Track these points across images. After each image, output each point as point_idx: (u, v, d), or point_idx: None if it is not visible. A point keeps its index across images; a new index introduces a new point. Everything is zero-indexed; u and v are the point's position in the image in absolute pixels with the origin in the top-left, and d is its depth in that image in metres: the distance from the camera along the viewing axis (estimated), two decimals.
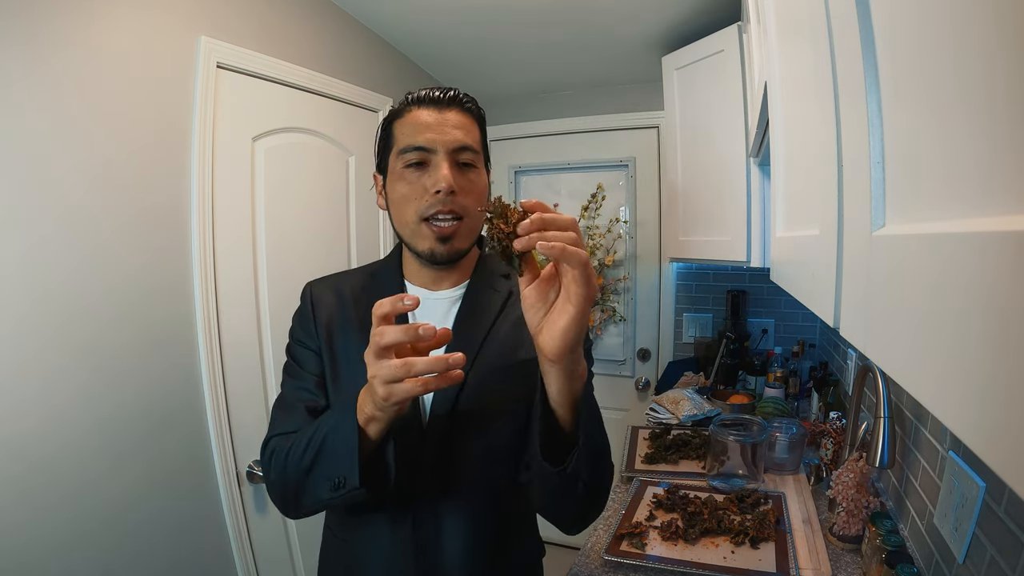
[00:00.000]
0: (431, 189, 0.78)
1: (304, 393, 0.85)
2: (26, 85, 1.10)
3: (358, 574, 0.88)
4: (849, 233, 0.36)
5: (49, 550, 1.14)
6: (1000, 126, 0.18)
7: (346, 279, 0.93)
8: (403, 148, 0.80)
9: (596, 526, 1.26)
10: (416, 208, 0.79)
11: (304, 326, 0.89)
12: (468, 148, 0.81)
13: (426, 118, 0.80)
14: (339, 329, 0.87)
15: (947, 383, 0.21)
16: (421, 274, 0.88)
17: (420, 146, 0.78)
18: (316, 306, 0.89)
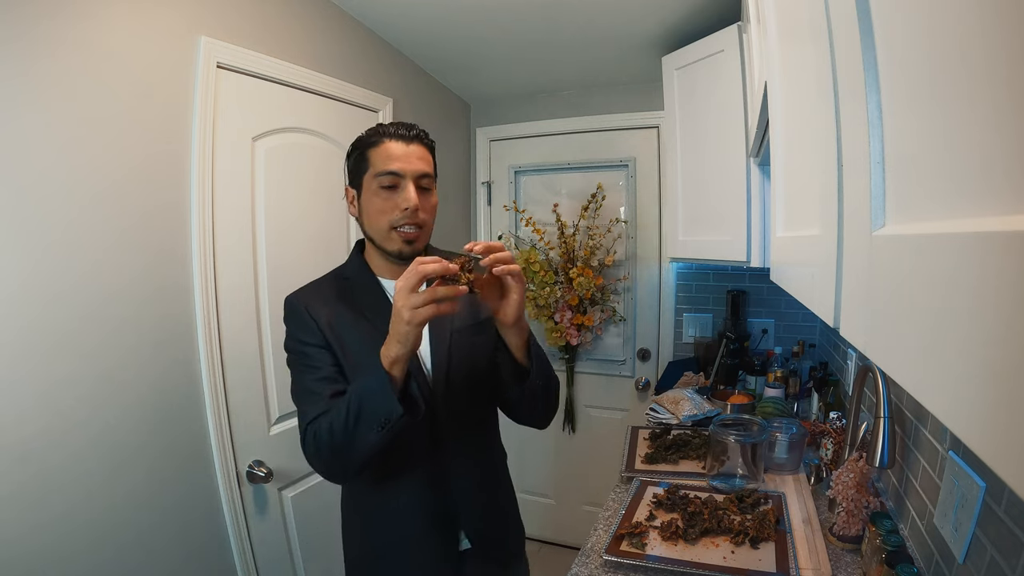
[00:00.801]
0: (401, 206, 1.03)
1: (326, 383, 1.01)
2: (25, 86, 1.10)
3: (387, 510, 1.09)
4: (849, 233, 0.36)
5: (50, 552, 1.14)
6: (1000, 126, 0.18)
7: (321, 287, 1.12)
8: (379, 172, 1.04)
9: (596, 526, 1.26)
10: (388, 219, 1.04)
11: (306, 329, 1.05)
12: (427, 175, 1.07)
13: (396, 150, 1.05)
14: (341, 325, 1.05)
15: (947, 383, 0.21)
16: (387, 270, 1.12)
17: (393, 171, 1.03)
18: (311, 310, 1.06)
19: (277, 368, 1.68)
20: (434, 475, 1.08)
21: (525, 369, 1.02)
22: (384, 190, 1.04)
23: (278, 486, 1.69)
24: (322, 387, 1.01)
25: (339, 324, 1.05)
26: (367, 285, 1.10)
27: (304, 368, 1.04)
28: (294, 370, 1.06)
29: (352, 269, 1.13)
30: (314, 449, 0.98)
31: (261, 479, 1.58)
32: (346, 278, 1.12)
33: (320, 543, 1.84)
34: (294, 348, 1.06)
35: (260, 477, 1.58)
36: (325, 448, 0.96)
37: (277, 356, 1.68)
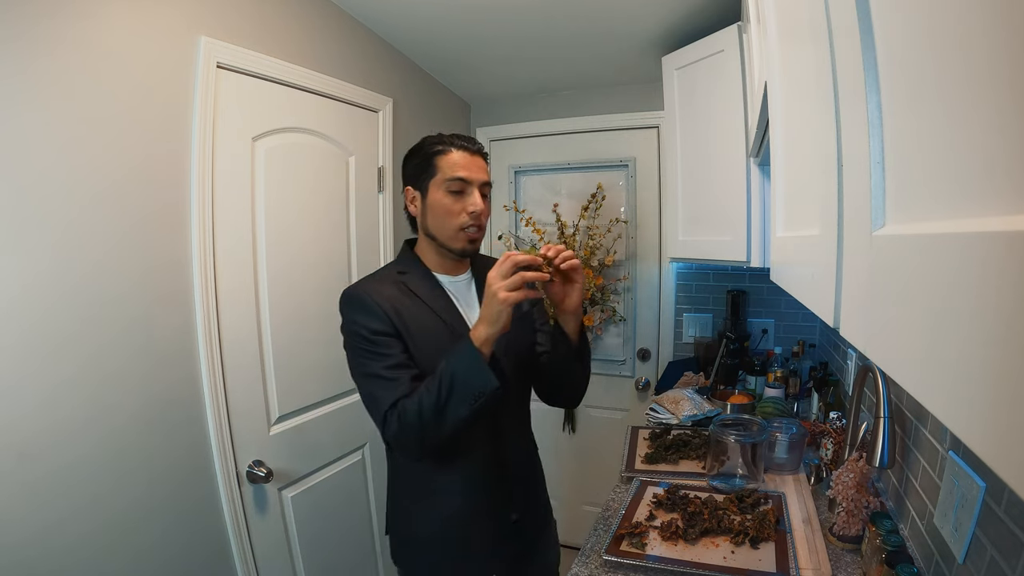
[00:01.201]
0: (468, 210, 1.16)
1: (401, 368, 1.10)
2: (24, 85, 1.10)
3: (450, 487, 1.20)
4: (849, 233, 0.36)
5: (52, 553, 1.15)
6: (1000, 125, 0.18)
7: (380, 280, 1.21)
8: (448, 178, 1.16)
9: (596, 526, 1.26)
10: (457, 221, 1.17)
11: (375, 317, 1.12)
12: (487, 184, 1.21)
13: (462, 159, 1.17)
14: (405, 314, 1.15)
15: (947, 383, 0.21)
16: (440, 266, 1.24)
17: (462, 178, 1.16)
18: (378, 301, 1.13)
19: (277, 368, 1.68)
20: (494, 451, 1.21)
21: (579, 349, 1.20)
22: (452, 195, 1.16)
23: (278, 486, 1.69)
24: (397, 373, 1.10)
25: (404, 312, 1.14)
26: (424, 278, 1.21)
27: (374, 356, 1.11)
28: (361, 358, 1.13)
29: (407, 264, 1.23)
30: (397, 429, 1.07)
31: (261, 479, 1.58)
32: (402, 272, 1.22)
33: (320, 543, 1.84)
34: (361, 336, 1.12)
35: (260, 477, 1.58)
36: (413, 427, 1.05)
37: (277, 356, 1.68)
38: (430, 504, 1.21)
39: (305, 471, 1.79)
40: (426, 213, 1.20)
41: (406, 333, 1.13)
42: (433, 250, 1.22)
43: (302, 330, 1.78)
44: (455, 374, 1.02)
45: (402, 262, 1.25)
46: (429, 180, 1.18)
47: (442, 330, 1.15)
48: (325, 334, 1.87)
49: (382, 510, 2.13)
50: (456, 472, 1.19)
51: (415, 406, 1.05)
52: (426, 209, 1.19)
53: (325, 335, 1.87)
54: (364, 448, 2.06)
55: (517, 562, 1.27)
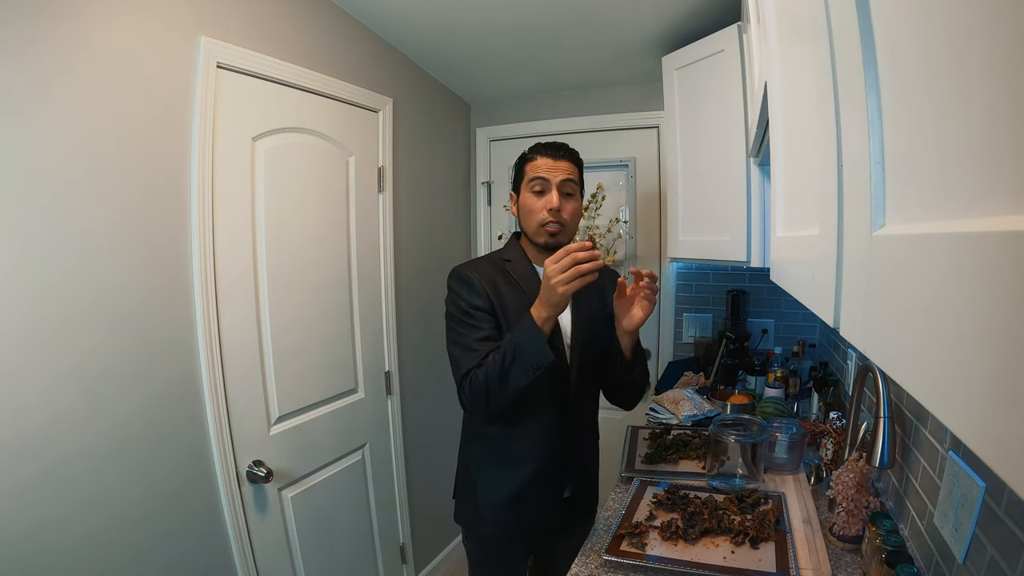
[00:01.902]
0: (546, 207, 1.33)
1: (486, 342, 1.27)
2: (24, 86, 1.10)
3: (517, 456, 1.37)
4: (849, 233, 0.36)
5: (52, 555, 1.15)
6: (1000, 126, 0.18)
7: (487, 264, 1.39)
8: (530, 179, 1.35)
9: (596, 526, 1.26)
10: (538, 218, 1.34)
11: (476, 292, 1.31)
12: (570, 181, 1.35)
13: (545, 163, 1.35)
14: (503, 294, 1.33)
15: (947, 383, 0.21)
16: (538, 258, 1.40)
17: (541, 177, 1.34)
18: (481, 279, 1.32)
19: (277, 368, 1.68)
20: (562, 428, 1.36)
21: (629, 363, 1.35)
22: (534, 194, 1.34)
23: (278, 486, 1.69)
24: (482, 345, 1.26)
25: (502, 292, 1.32)
26: (524, 267, 1.39)
27: (469, 327, 1.28)
28: (458, 327, 1.30)
29: (512, 254, 1.41)
30: (470, 395, 1.25)
31: (261, 479, 1.58)
32: (507, 260, 1.40)
33: (320, 543, 1.84)
34: (462, 309, 1.30)
35: (260, 477, 1.58)
36: (480, 392, 1.23)
37: (277, 356, 1.68)
38: (503, 469, 1.37)
39: (305, 471, 1.79)
40: (520, 213, 1.39)
41: (501, 312, 1.31)
42: (529, 244, 1.40)
43: (302, 330, 1.78)
44: (518, 345, 1.18)
45: (508, 251, 1.43)
46: (520, 184, 1.39)
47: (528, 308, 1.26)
48: (325, 334, 1.88)
49: (382, 510, 2.14)
50: (529, 442, 1.35)
51: (483, 373, 1.22)
52: (520, 210, 1.39)
53: (325, 335, 1.88)
54: (364, 448, 2.06)
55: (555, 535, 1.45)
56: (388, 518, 2.19)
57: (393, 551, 2.21)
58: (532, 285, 1.33)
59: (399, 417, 2.22)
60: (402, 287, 2.25)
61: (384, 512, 2.16)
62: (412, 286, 2.30)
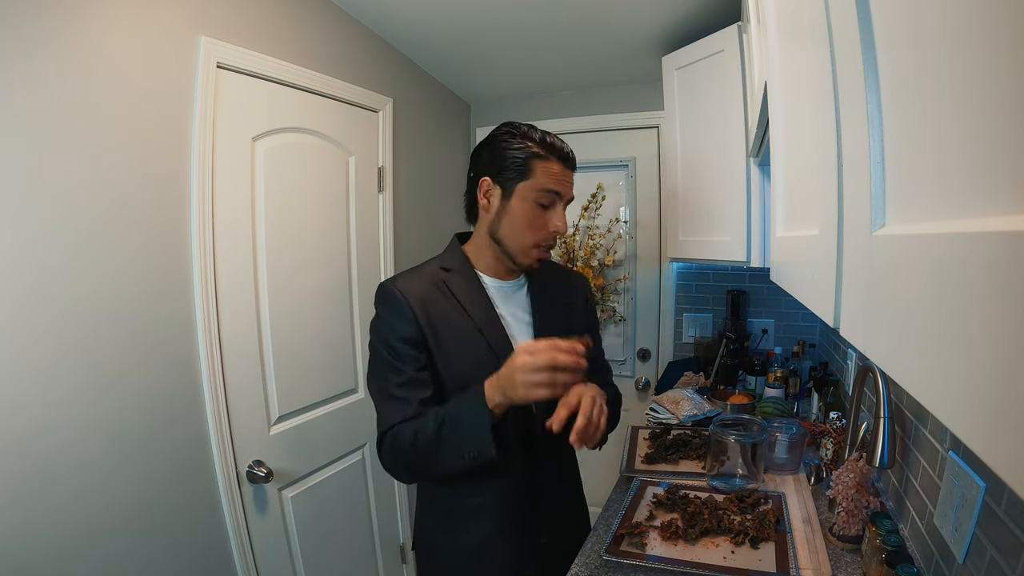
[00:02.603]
0: (550, 228, 1.07)
1: (411, 387, 1.03)
2: (24, 85, 1.10)
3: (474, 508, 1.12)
4: (849, 233, 0.36)
5: (47, 551, 1.15)
6: (1000, 125, 0.18)
7: (420, 276, 1.12)
8: (542, 188, 1.05)
9: (596, 526, 1.26)
10: (535, 236, 1.07)
11: (403, 319, 1.04)
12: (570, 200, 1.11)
13: (560, 172, 1.07)
14: (439, 317, 1.06)
15: (947, 383, 0.21)
16: (491, 268, 1.14)
17: (556, 191, 1.06)
18: (410, 300, 1.05)
19: (277, 368, 1.68)
20: (529, 477, 1.13)
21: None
22: (539, 207, 1.07)
23: (278, 486, 1.69)
24: (407, 393, 1.03)
25: (436, 314, 1.06)
26: (468, 279, 1.12)
27: (390, 367, 1.04)
28: (379, 364, 1.06)
29: (453, 262, 1.15)
30: (390, 454, 1.03)
31: (261, 479, 1.58)
32: (447, 269, 1.13)
33: (320, 543, 1.84)
34: (385, 340, 1.06)
35: (260, 477, 1.58)
36: (404, 456, 1.01)
37: (277, 356, 1.68)
38: (455, 528, 1.14)
39: (305, 471, 1.79)
40: (502, 215, 1.08)
41: (433, 339, 1.05)
42: (491, 253, 1.13)
43: (302, 330, 1.78)
44: (456, 425, 0.96)
45: (448, 258, 1.16)
46: (519, 182, 1.06)
47: (477, 339, 1.06)
48: (325, 334, 1.88)
49: (382, 510, 2.14)
50: (485, 495, 1.11)
51: (410, 436, 0.99)
52: (503, 211, 1.08)
53: (325, 335, 1.88)
54: (364, 448, 2.06)
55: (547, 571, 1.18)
56: (388, 518, 2.19)
57: (393, 551, 2.21)
58: (476, 301, 1.10)
59: None
60: None
61: (384, 512, 2.16)
62: None
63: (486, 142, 1.12)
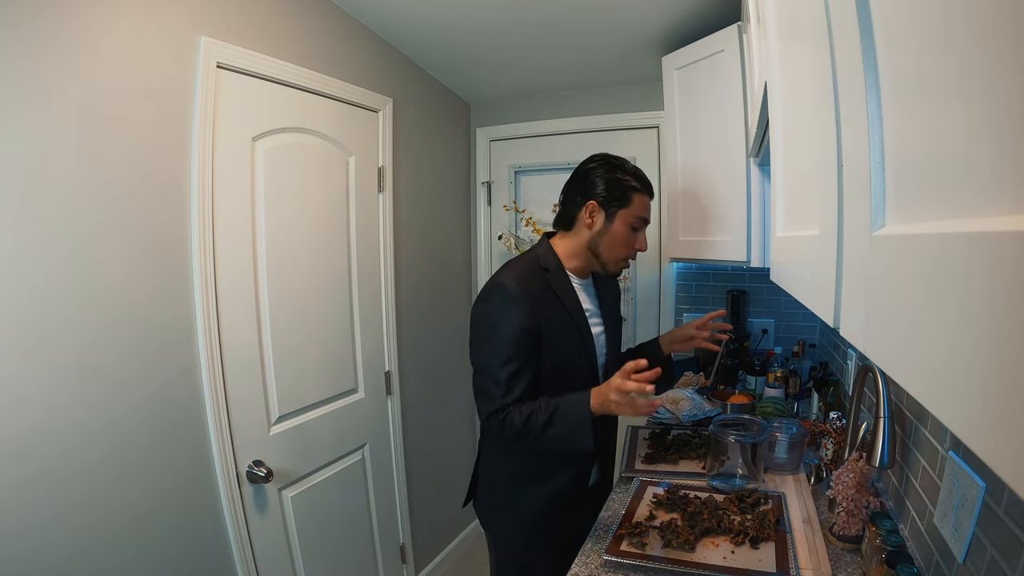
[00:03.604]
0: (637, 247, 1.38)
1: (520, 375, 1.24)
2: (24, 85, 1.10)
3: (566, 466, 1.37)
4: (849, 233, 0.36)
5: (47, 550, 1.15)
6: (1000, 126, 0.18)
7: (529, 274, 1.31)
8: (637, 216, 1.35)
9: (596, 526, 1.26)
10: (627, 253, 1.37)
11: (525, 315, 1.24)
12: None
13: (648, 203, 1.37)
14: (546, 312, 1.28)
15: (947, 383, 0.21)
16: (580, 270, 1.40)
17: (645, 219, 1.37)
18: (530, 298, 1.26)
19: (277, 368, 1.68)
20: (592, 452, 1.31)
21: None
22: (633, 231, 1.36)
23: (278, 486, 1.69)
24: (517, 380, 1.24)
25: (544, 309, 1.28)
26: (562, 278, 1.36)
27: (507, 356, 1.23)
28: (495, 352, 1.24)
29: (549, 263, 1.36)
30: (498, 430, 1.24)
31: (261, 479, 1.58)
32: (545, 269, 1.35)
33: (320, 543, 1.84)
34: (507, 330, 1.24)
35: (260, 477, 1.58)
36: (510, 434, 1.23)
37: (277, 355, 1.68)
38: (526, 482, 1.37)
39: (305, 471, 1.79)
40: (604, 234, 1.34)
41: (546, 332, 1.28)
42: (585, 259, 1.38)
43: (302, 330, 1.78)
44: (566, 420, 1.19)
45: (545, 258, 1.37)
46: (620, 209, 1.33)
47: (573, 328, 1.33)
48: (325, 334, 1.88)
49: (382, 510, 2.14)
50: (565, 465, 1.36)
51: (521, 421, 1.21)
52: (605, 231, 1.34)
53: (325, 335, 1.88)
54: (364, 448, 2.06)
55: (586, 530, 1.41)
56: (388, 518, 2.19)
57: (393, 551, 2.21)
58: (571, 297, 1.34)
59: (399, 417, 2.22)
60: (402, 287, 2.25)
61: (384, 512, 2.16)
62: (412, 286, 2.31)
63: (595, 170, 1.35)
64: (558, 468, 1.36)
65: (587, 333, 1.36)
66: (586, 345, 1.36)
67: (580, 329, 1.34)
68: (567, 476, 1.37)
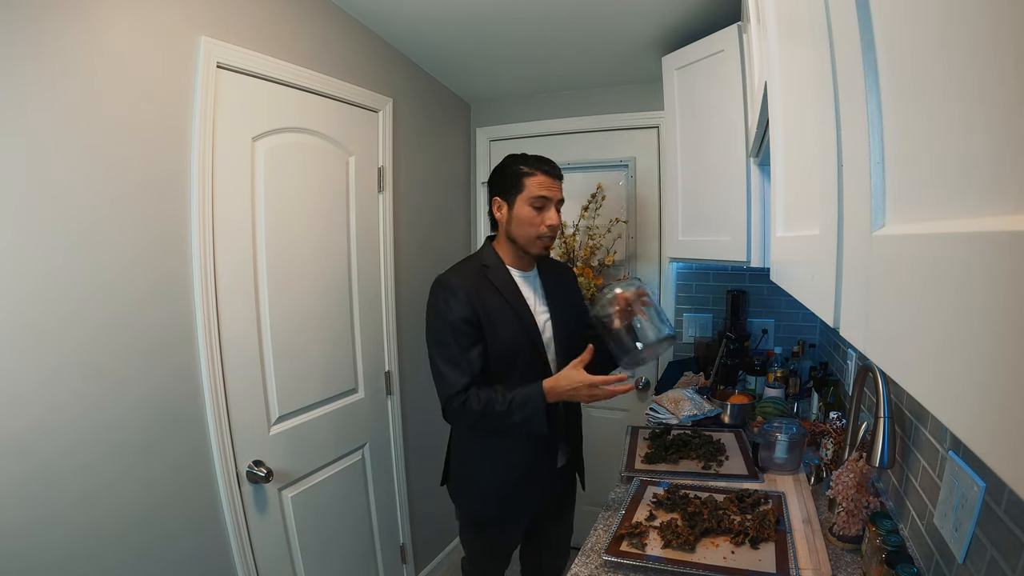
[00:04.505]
0: (546, 223, 1.44)
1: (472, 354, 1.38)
2: (25, 85, 1.10)
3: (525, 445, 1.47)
4: (849, 233, 0.36)
5: (47, 552, 1.15)
6: (1000, 125, 0.18)
7: (468, 271, 1.46)
8: (534, 196, 1.43)
9: (596, 526, 1.26)
10: (536, 232, 1.44)
11: (466, 306, 1.38)
12: (562, 201, 1.49)
13: (546, 181, 1.45)
14: (486, 303, 1.41)
15: (947, 383, 0.21)
16: (516, 261, 1.51)
17: (545, 196, 1.44)
18: (465, 288, 1.40)
19: (277, 368, 1.68)
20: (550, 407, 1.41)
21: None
22: (535, 209, 1.43)
23: (278, 486, 1.69)
24: (471, 360, 1.37)
25: (484, 300, 1.41)
26: (502, 273, 1.47)
27: (457, 342, 1.37)
28: (445, 340, 1.38)
29: (489, 259, 1.49)
30: (459, 412, 1.37)
31: (261, 479, 1.58)
32: (485, 265, 1.47)
33: (320, 543, 1.84)
34: (449, 321, 1.38)
35: (260, 477, 1.58)
36: (471, 416, 1.36)
37: (277, 356, 1.68)
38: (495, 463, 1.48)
39: (305, 471, 1.79)
40: (511, 221, 1.46)
41: (485, 318, 1.39)
42: (512, 250, 1.49)
43: (302, 330, 1.78)
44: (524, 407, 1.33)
45: (485, 256, 1.50)
46: (516, 195, 1.44)
47: (511, 315, 1.43)
48: (325, 334, 1.88)
49: (382, 510, 2.14)
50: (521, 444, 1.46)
51: (480, 405, 1.34)
52: (511, 218, 1.45)
53: (325, 335, 1.88)
54: (364, 448, 2.06)
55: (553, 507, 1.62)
56: (388, 518, 2.19)
57: (393, 551, 2.21)
58: (510, 289, 1.46)
59: (399, 417, 2.22)
60: (402, 287, 2.25)
61: (384, 512, 2.16)
62: (412, 286, 2.30)
63: (494, 172, 1.51)
64: (524, 450, 1.47)
65: (528, 320, 1.45)
66: (527, 331, 1.45)
67: (520, 316, 1.44)
68: (533, 457, 1.49)
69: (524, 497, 1.52)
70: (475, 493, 1.54)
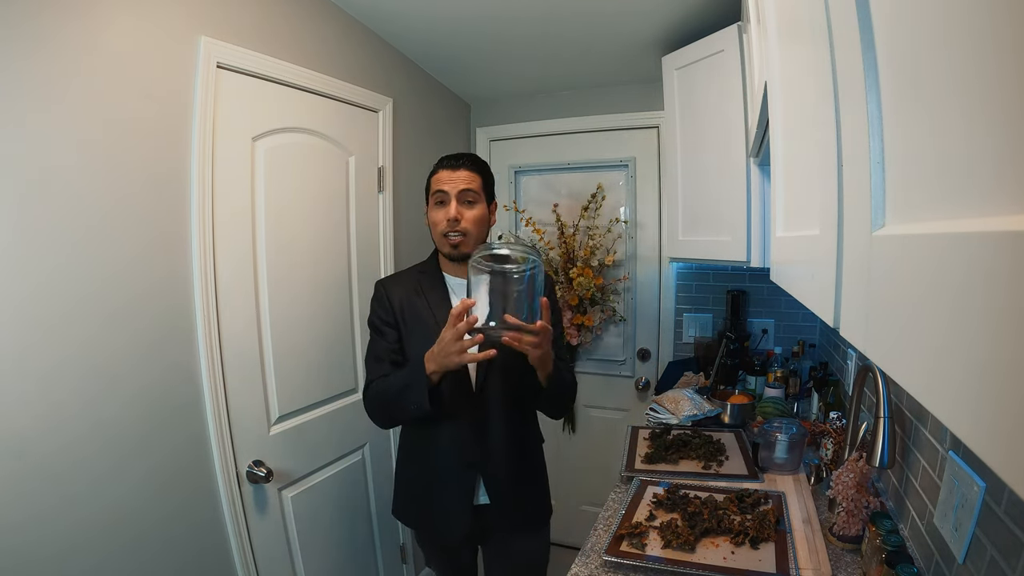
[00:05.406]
0: (445, 218, 1.36)
1: (389, 353, 1.40)
2: (25, 85, 1.10)
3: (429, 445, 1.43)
4: (849, 233, 0.36)
5: (46, 550, 1.14)
6: (1000, 125, 0.18)
7: (405, 277, 1.49)
8: (434, 192, 1.39)
9: (596, 526, 1.26)
10: (440, 229, 1.38)
11: (384, 308, 1.43)
12: (469, 190, 1.37)
13: (445, 175, 1.38)
14: (409, 309, 1.42)
15: (947, 383, 0.21)
16: (449, 267, 1.45)
17: (441, 190, 1.37)
18: (389, 295, 1.43)
19: (277, 368, 1.68)
20: (473, 427, 1.39)
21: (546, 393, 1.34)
22: (437, 206, 1.38)
23: (278, 486, 1.69)
24: (387, 356, 1.40)
25: (408, 307, 1.42)
26: (434, 278, 1.45)
27: (375, 340, 1.43)
28: (371, 338, 1.44)
29: (427, 266, 1.48)
30: (368, 405, 1.40)
31: (261, 479, 1.58)
32: (423, 272, 1.48)
33: (320, 543, 1.84)
34: (373, 322, 1.44)
35: (260, 477, 1.58)
36: (375, 406, 1.39)
37: (277, 356, 1.68)
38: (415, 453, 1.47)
39: (305, 471, 1.79)
40: (429, 224, 1.43)
41: (402, 323, 1.41)
42: (443, 257, 1.46)
43: (302, 330, 1.78)
44: (403, 386, 1.29)
45: (427, 262, 1.50)
46: (428, 196, 1.43)
47: (431, 322, 1.37)
48: (325, 334, 1.88)
49: (383, 510, 2.14)
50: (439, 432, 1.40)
51: (380, 392, 1.35)
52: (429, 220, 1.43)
53: (325, 335, 1.88)
54: (364, 448, 2.06)
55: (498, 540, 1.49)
56: (388, 518, 2.18)
57: (393, 551, 2.21)
58: (437, 295, 1.42)
59: None
60: None
61: (384, 512, 2.15)
62: None
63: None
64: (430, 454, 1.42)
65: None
66: None
67: (439, 322, 1.31)
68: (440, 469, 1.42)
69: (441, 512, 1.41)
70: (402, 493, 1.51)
